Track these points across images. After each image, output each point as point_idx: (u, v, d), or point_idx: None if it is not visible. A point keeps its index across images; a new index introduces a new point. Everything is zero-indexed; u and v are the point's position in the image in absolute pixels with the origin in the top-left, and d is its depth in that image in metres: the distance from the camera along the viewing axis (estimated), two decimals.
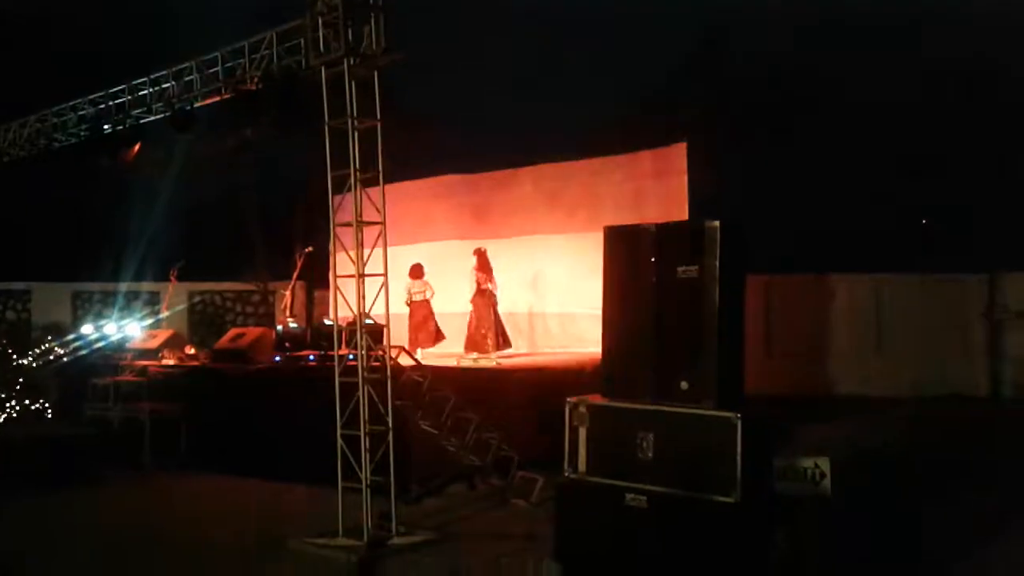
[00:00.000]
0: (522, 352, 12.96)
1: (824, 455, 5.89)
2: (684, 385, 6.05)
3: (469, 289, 12.47)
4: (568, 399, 6.55)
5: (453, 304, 12.93)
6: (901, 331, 15.27)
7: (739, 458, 5.68)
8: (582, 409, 6.44)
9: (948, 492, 8.51)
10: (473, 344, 12.21)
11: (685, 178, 12.10)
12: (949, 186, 18.83)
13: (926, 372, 14.79)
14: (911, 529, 7.29)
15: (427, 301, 12.66)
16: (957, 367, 15.01)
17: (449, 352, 12.51)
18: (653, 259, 6.27)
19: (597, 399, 6.49)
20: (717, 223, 6.01)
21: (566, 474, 6.48)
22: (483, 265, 12.50)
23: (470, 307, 12.40)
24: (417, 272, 12.75)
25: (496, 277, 12.79)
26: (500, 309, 12.79)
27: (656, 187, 12.52)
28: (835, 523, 6.69)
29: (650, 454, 6.07)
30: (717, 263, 5.97)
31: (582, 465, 6.39)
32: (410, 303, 12.63)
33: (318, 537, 7.38)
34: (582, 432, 6.40)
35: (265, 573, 6.70)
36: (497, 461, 8.93)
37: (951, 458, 9.99)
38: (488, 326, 12.24)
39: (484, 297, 12.37)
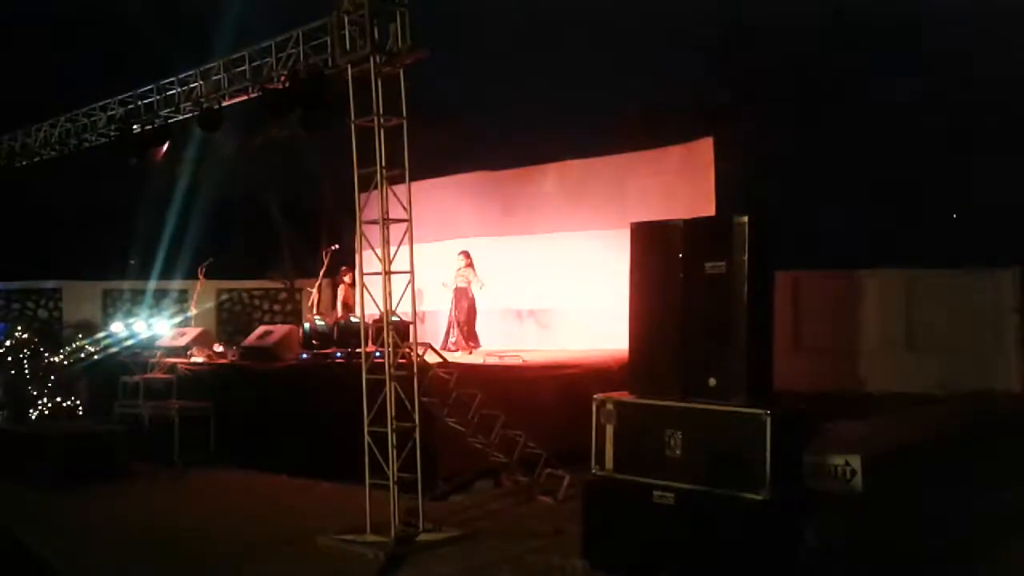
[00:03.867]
0: (548, 350, 12.93)
1: (855, 452, 5.82)
2: (712, 382, 6.02)
3: (478, 286, 12.67)
4: (595, 396, 6.53)
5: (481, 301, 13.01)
6: (932, 327, 15.05)
7: (768, 455, 5.64)
8: (609, 406, 6.42)
9: (979, 489, 8.39)
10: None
11: (712, 173, 12.00)
12: (981, 179, 18.58)
13: (958, 368, 14.57)
14: (941, 526, 7.20)
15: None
16: (989, 363, 14.79)
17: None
18: (681, 255, 6.24)
19: (624, 396, 6.47)
20: (746, 218, 5.96)
21: (593, 471, 6.46)
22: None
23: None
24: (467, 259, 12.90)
25: (523, 273, 12.81)
26: (528, 305, 12.80)
27: (683, 183, 12.42)
28: (865, 520, 6.62)
29: (678, 451, 6.04)
30: (746, 259, 5.93)
31: (609, 462, 6.37)
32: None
33: (346, 533, 7.40)
34: (609, 429, 6.38)
35: (294, 569, 6.72)
36: (523, 458, 8.92)
37: (983, 455, 9.85)
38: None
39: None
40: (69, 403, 12.85)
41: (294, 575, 6.58)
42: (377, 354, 7.96)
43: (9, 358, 13.13)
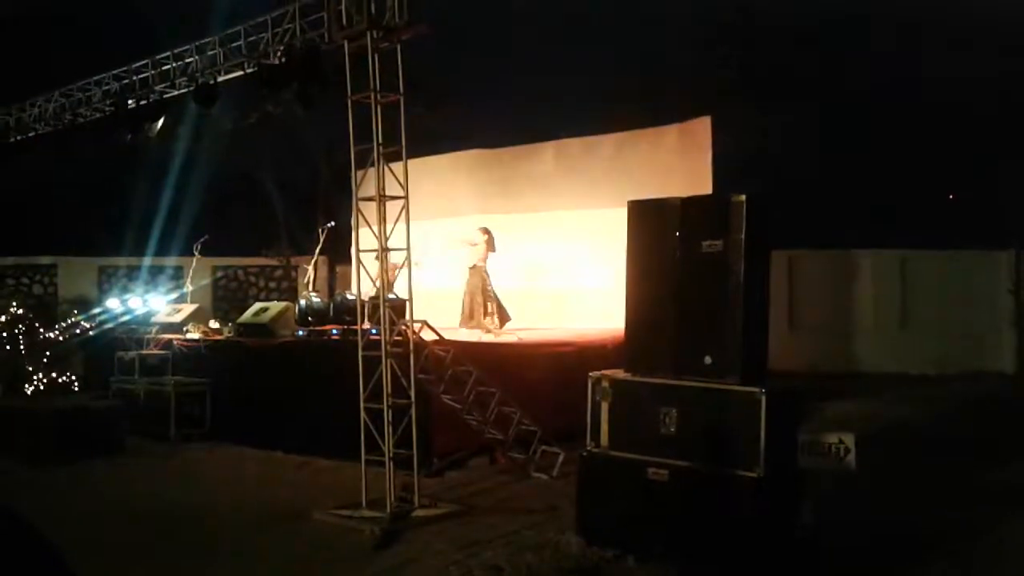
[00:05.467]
0: (545, 328, 12.95)
1: (849, 430, 5.85)
2: (708, 360, 6.03)
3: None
4: (591, 374, 6.55)
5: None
6: (927, 307, 15.14)
7: (763, 433, 5.67)
8: (605, 384, 6.44)
9: (973, 468, 8.46)
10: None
11: (710, 152, 11.99)
12: (976, 160, 18.58)
13: (952, 348, 14.67)
14: (936, 505, 7.26)
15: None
16: (983, 343, 14.87)
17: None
18: (677, 233, 6.23)
19: (620, 374, 6.48)
20: (743, 197, 5.96)
21: (588, 448, 6.49)
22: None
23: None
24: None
25: (519, 251, 12.67)
26: (524, 283, 12.70)
27: (680, 161, 12.42)
28: (859, 498, 6.67)
29: (673, 429, 6.06)
30: (743, 237, 5.92)
31: (604, 439, 6.40)
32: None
33: (342, 509, 7.44)
34: (604, 407, 6.41)
35: (290, 544, 6.76)
36: (519, 435, 8.95)
37: (977, 434, 9.92)
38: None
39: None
40: (65, 379, 12.86)
41: (290, 550, 6.61)
42: (373, 331, 7.97)
43: (4, 334, 13.13)
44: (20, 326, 13.38)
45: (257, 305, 12.59)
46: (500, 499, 7.99)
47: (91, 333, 13.76)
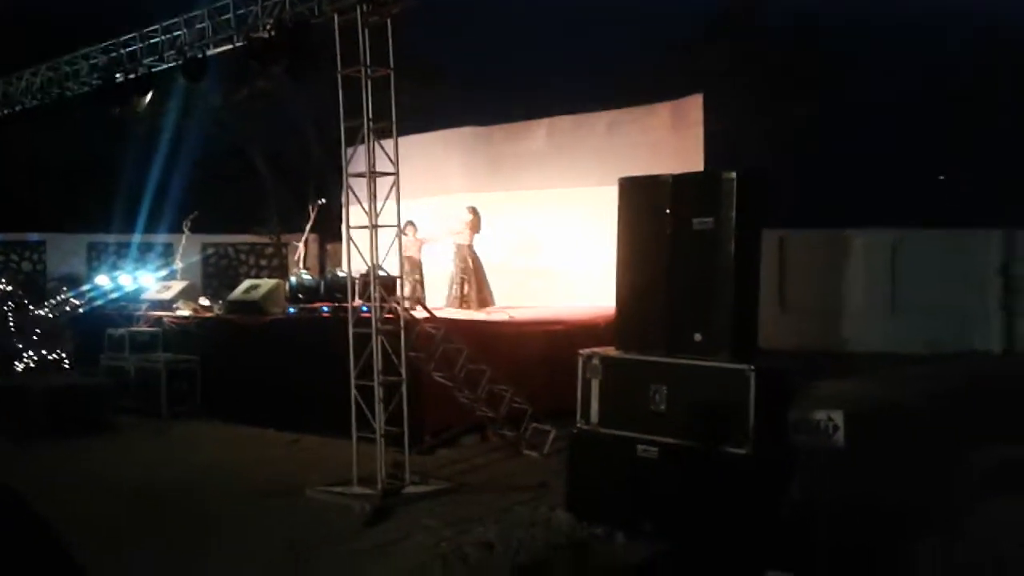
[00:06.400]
0: (536, 306, 12.95)
1: (837, 407, 5.86)
2: (698, 337, 6.05)
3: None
4: (581, 351, 6.55)
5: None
6: (917, 287, 15.15)
7: (752, 410, 5.69)
8: (595, 362, 6.45)
9: (964, 446, 8.50)
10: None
11: (702, 130, 11.95)
12: (967, 140, 18.59)
13: (942, 329, 14.70)
14: (923, 482, 7.29)
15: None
16: (973, 324, 14.92)
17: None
18: (668, 210, 6.22)
19: (610, 351, 6.49)
20: (734, 174, 5.95)
21: (579, 425, 6.50)
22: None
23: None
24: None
25: (510, 229, 12.63)
26: (515, 261, 12.67)
27: (672, 139, 12.38)
28: (848, 475, 6.69)
29: (663, 406, 6.08)
30: (733, 215, 5.92)
31: (594, 417, 6.41)
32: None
33: (333, 486, 7.45)
34: (595, 384, 6.42)
35: (281, 520, 6.77)
36: (510, 413, 8.97)
37: (967, 413, 9.97)
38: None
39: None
40: (55, 356, 12.80)
41: (281, 526, 6.62)
42: (364, 308, 7.95)
43: None
44: (9, 303, 13.30)
45: (247, 282, 12.55)
46: (491, 476, 8.02)
47: (81, 310, 13.70)
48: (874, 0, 19.23)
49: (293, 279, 11.75)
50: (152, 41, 10.04)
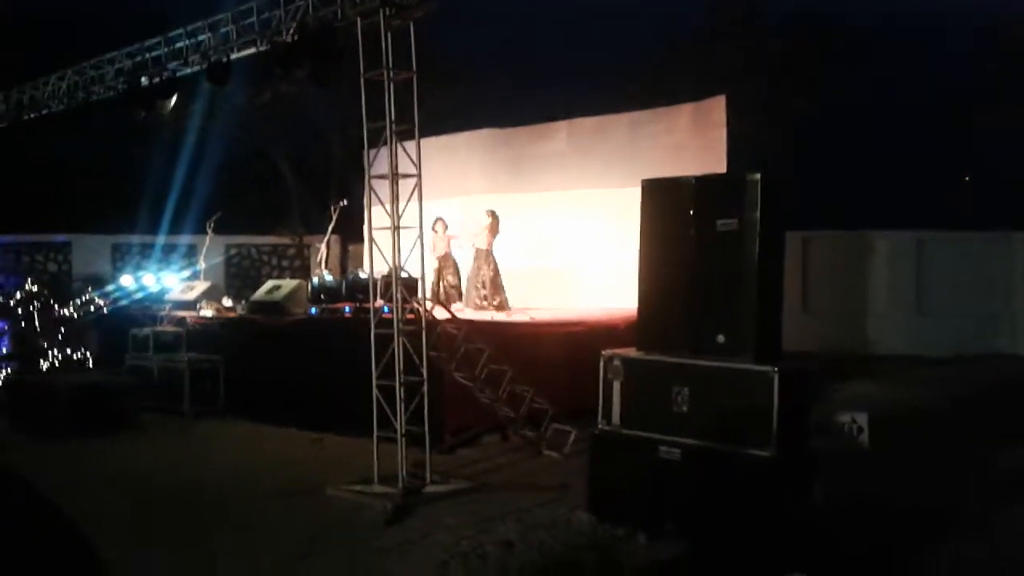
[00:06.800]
0: (557, 307, 12.95)
1: (862, 410, 5.83)
2: (721, 339, 6.02)
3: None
4: (603, 352, 6.55)
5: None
6: (942, 289, 15.01)
7: (775, 412, 5.66)
8: (617, 362, 6.44)
9: (990, 449, 8.41)
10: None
11: (724, 131, 11.91)
12: (994, 140, 18.40)
13: (966, 331, 14.56)
14: (951, 484, 7.23)
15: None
16: (998, 326, 14.77)
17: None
18: (692, 212, 6.20)
19: (632, 352, 6.48)
20: (758, 175, 5.92)
21: (600, 426, 6.49)
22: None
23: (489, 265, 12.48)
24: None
25: (532, 231, 12.63)
26: (537, 262, 12.66)
27: (694, 140, 12.34)
28: (871, 478, 6.64)
29: (685, 407, 6.06)
30: (757, 216, 5.89)
31: (616, 418, 6.40)
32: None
33: (354, 484, 7.48)
34: (617, 385, 6.41)
35: (303, 518, 6.81)
36: (531, 413, 8.97)
37: (993, 416, 9.86)
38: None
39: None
40: (79, 355, 12.95)
41: (303, 524, 6.66)
42: (385, 309, 7.98)
43: (20, 311, 13.21)
44: (35, 303, 13.45)
45: (270, 283, 12.63)
46: (512, 476, 8.02)
47: (105, 310, 13.84)
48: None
49: (315, 280, 11.82)
50: (177, 46, 10.14)
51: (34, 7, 19.49)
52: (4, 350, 12.75)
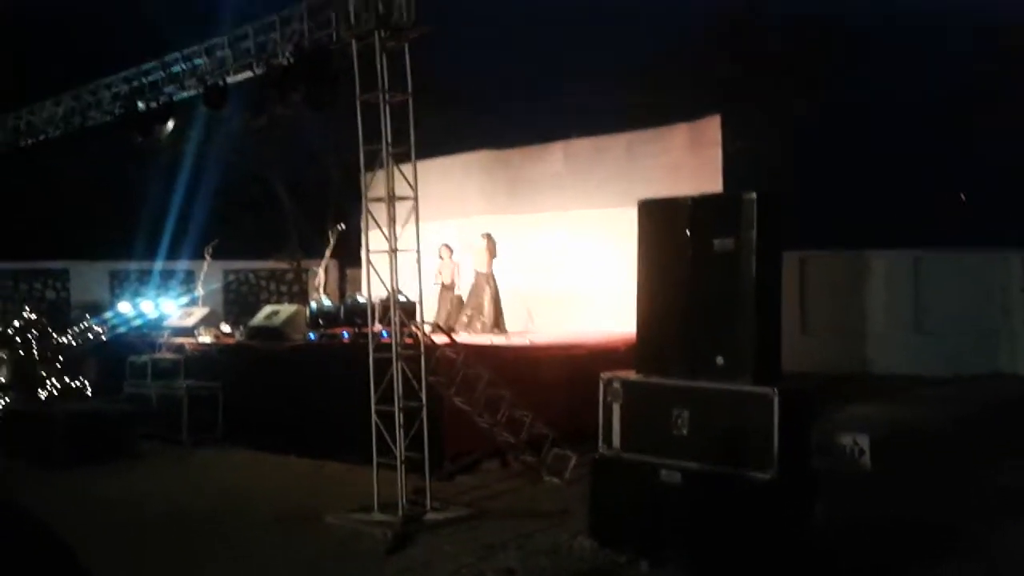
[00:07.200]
0: (555, 330, 12.92)
1: (863, 431, 5.79)
2: (720, 360, 5.98)
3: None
4: (602, 375, 6.50)
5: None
6: (940, 308, 15.00)
7: (776, 434, 5.61)
8: (616, 385, 6.39)
9: (989, 469, 8.37)
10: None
11: (720, 151, 11.94)
12: (989, 159, 18.44)
13: (965, 350, 14.54)
14: (952, 505, 7.18)
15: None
16: (997, 345, 14.75)
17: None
18: (688, 232, 6.18)
19: (632, 375, 6.44)
20: (754, 195, 5.90)
21: (600, 451, 6.44)
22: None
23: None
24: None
25: (529, 252, 12.63)
26: (534, 284, 12.65)
27: (690, 160, 12.37)
28: (873, 498, 6.60)
29: (685, 430, 6.01)
30: (754, 235, 5.86)
31: (616, 441, 6.35)
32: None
33: (354, 512, 7.42)
34: (616, 408, 6.36)
35: (303, 546, 6.74)
36: (531, 438, 8.90)
37: (992, 436, 9.82)
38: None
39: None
40: (78, 383, 12.87)
41: (303, 552, 6.59)
42: (384, 333, 7.94)
43: (18, 339, 13.15)
44: (33, 331, 13.39)
45: (268, 308, 12.60)
46: (512, 502, 7.95)
47: (103, 337, 13.78)
48: (892, 17, 19.15)
49: (313, 304, 11.79)
50: (173, 70, 10.15)
51: (30, 32, 19.57)
52: (2, 379, 12.68)
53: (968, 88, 18.77)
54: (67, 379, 12.84)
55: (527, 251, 13.79)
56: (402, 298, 7.79)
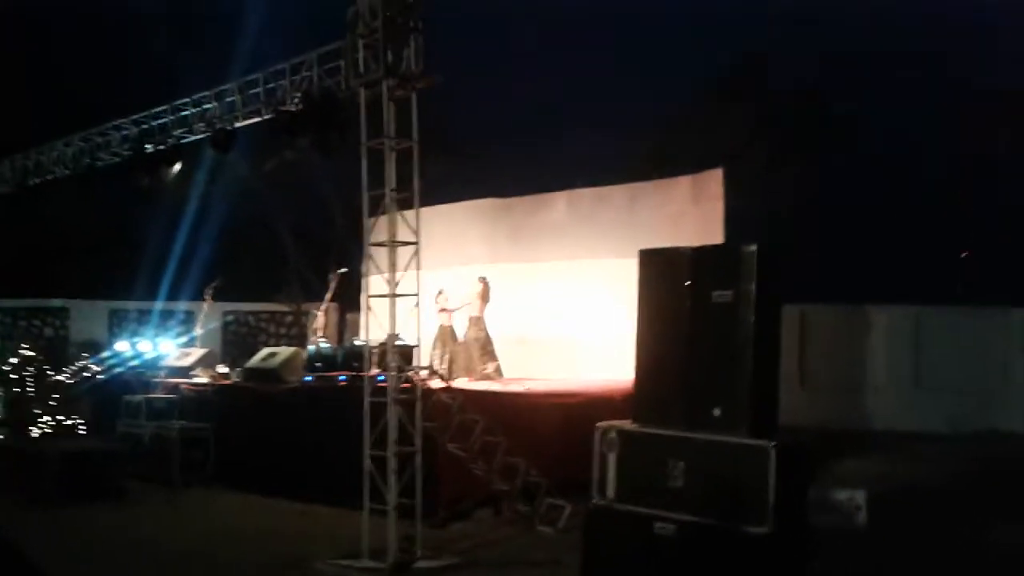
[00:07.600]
0: (553, 378, 12.87)
1: (860, 487, 5.74)
2: (717, 412, 5.94)
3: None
4: (598, 424, 6.46)
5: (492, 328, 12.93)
6: (940, 365, 14.94)
7: (772, 488, 5.55)
8: (612, 435, 6.35)
9: (987, 528, 8.28)
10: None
11: (721, 204, 11.99)
12: (990, 216, 18.53)
13: (964, 408, 14.45)
14: (948, 564, 7.09)
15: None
16: (996, 403, 14.66)
17: None
18: (688, 283, 6.19)
19: (628, 425, 6.40)
20: (754, 247, 5.91)
21: (594, 501, 6.38)
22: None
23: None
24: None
25: (529, 300, 12.63)
26: (535, 334, 12.64)
27: (692, 212, 12.43)
28: (869, 555, 6.52)
29: (680, 482, 5.95)
30: (754, 287, 5.86)
31: (611, 492, 6.29)
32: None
33: (342, 558, 7.33)
34: (611, 458, 6.31)
35: None
36: (525, 487, 8.83)
37: (990, 494, 9.73)
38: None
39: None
40: (71, 421, 12.81)
41: None
42: (380, 378, 7.92)
43: (14, 376, 13.12)
44: (29, 368, 13.36)
45: (266, 350, 12.57)
46: (504, 552, 7.87)
47: (100, 376, 13.74)
48: (892, 74, 19.39)
49: (312, 347, 11.77)
50: (182, 113, 10.27)
51: (40, 72, 19.83)
52: None
53: (970, 146, 18.93)
54: (61, 417, 12.78)
55: (528, 299, 13.79)
56: (400, 342, 7.78)
